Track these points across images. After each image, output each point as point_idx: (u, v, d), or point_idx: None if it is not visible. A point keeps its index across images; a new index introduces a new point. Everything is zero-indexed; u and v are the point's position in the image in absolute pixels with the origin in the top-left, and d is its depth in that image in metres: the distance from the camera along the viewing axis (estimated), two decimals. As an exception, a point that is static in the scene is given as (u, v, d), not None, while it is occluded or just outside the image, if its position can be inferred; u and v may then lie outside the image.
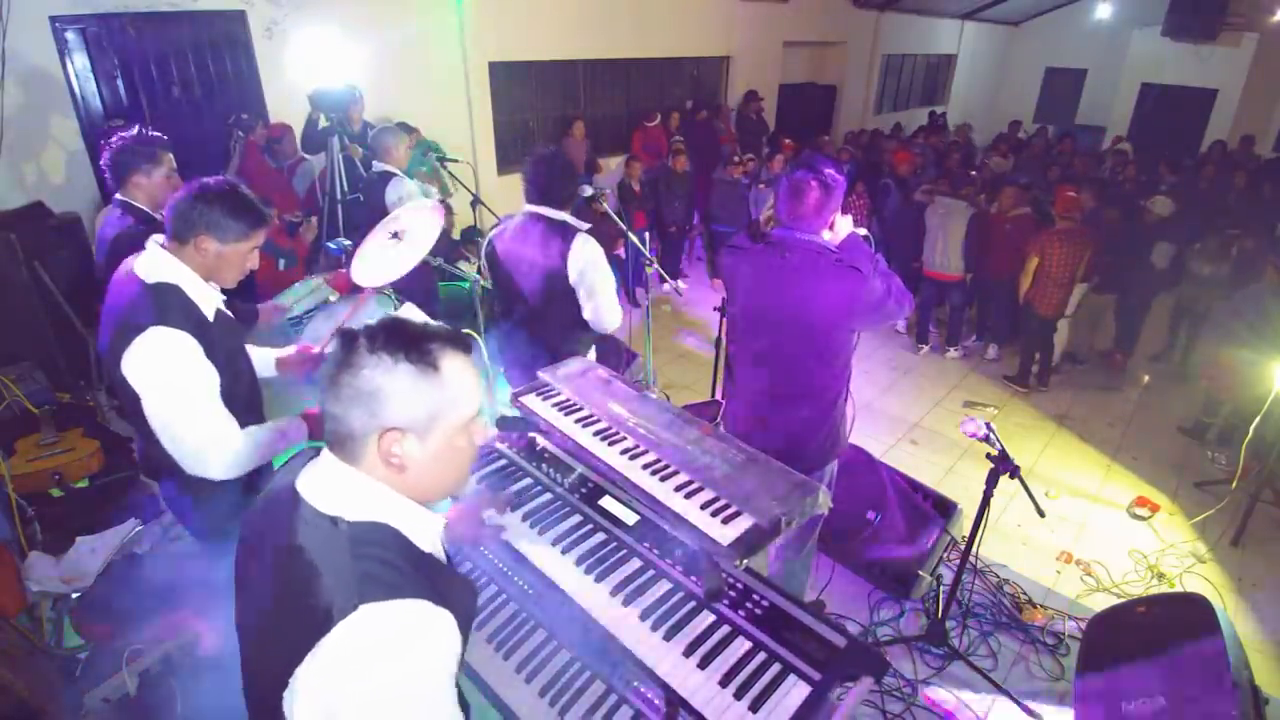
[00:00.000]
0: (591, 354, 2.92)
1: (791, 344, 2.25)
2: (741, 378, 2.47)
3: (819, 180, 2.13)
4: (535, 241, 2.65)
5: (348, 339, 0.97)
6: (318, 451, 1.04)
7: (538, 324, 2.76)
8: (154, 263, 1.77)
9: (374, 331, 0.96)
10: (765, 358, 2.35)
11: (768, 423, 2.37)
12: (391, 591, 0.91)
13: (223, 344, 1.82)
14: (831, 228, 2.23)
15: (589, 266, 2.61)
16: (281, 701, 0.90)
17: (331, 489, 0.99)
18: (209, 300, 1.82)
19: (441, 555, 1.10)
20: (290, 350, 2.19)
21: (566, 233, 2.62)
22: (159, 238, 1.81)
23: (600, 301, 2.68)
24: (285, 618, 0.93)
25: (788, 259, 2.18)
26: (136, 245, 1.85)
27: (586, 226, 2.68)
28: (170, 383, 1.70)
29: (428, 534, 1.03)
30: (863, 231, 2.30)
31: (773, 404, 2.36)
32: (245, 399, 1.91)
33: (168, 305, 1.72)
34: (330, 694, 0.87)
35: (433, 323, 1.03)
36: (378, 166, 3.94)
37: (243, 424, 1.82)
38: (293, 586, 0.92)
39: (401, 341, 0.95)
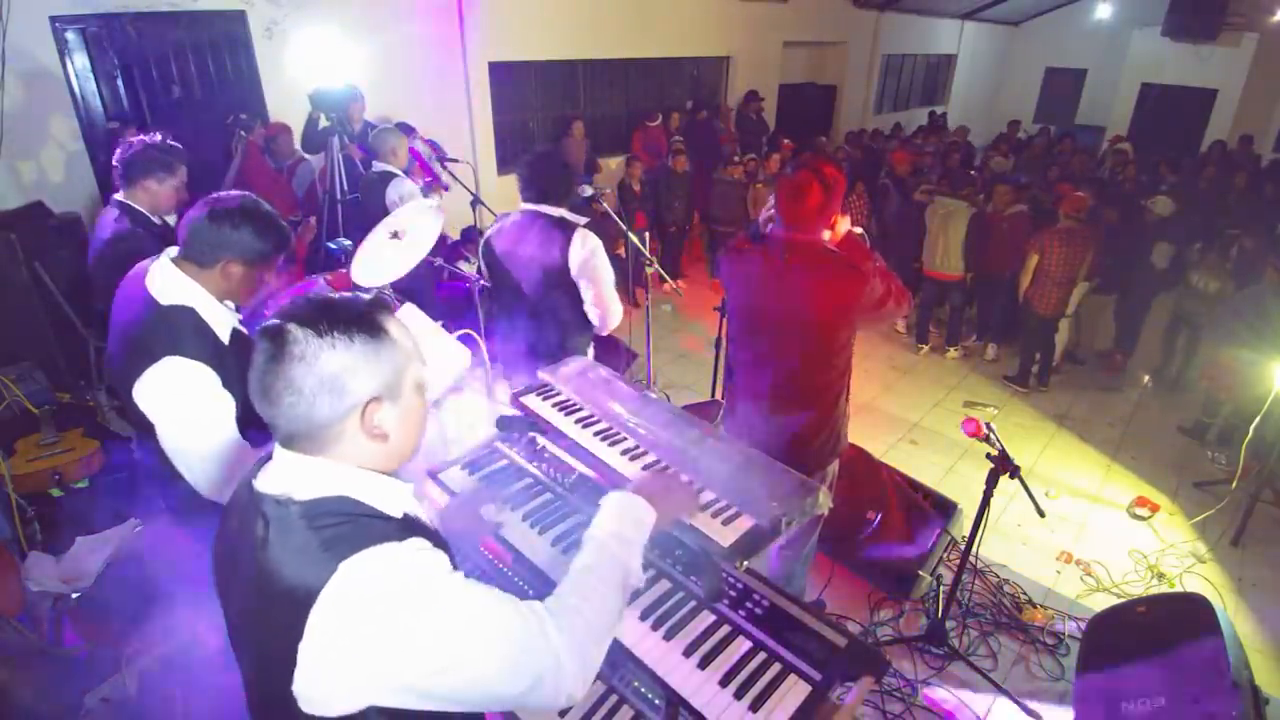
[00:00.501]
0: (590, 352, 2.92)
1: (792, 345, 2.25)
2: (742, 379, 2.47)
3: (820, 181, 2.13)
4: (534, 239, 2.66)
5: (278, 334, 0.92)
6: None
7: (537, 322, 2.76)
8: (168, 282, 1.70)
9: (310, 318, 0.92)
10: (766, 359, 2.35)
11: (769, 424, 2.36)
12: (363, 543, 0.90)
13: (238, 366, 1.76)
14: (832, 228, 2.23)
15: (590, 259, 2.61)
16: (292, 690, 0.89)
17: (282, 476, 0.98)
18: (224, 322, 1.77)
19: (419, 516, 1.09)
20: None
21: (565, 228, 2.62)
22: (172, 251, 1.74)
23: (603, 296, 2.68)
24: (270, 609, 0.92)
25: (788, 259, 2.18)
26: (136, 248, 1.83)
27: (585, 221, 2.68)
28: (184, 415, 1.66)
29: (396, 500, 1.01)
30: (859, 231, 2.30)
31: (773, 405, 2.36)
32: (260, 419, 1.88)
33: (182, 332, 1.67)
34: (348, 650, 0.87)
35: (346, 294, 1.01)
36: (378, 166, 3.95)
37: (257, 443, 1.78)
38: (267, 577, 0.91)
39: (346, 316, 0.94)
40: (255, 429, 1.77)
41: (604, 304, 2.71)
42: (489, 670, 0.92)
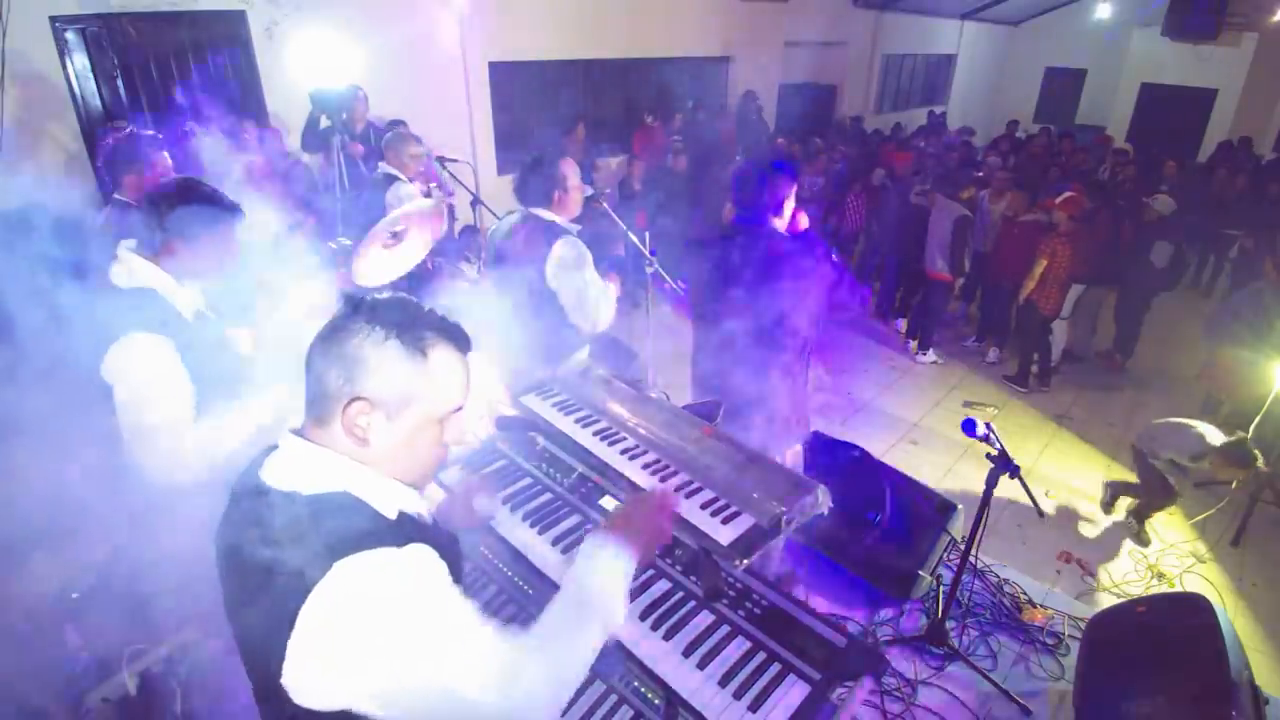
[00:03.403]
0: (585, 353, 2.91)
1: (752, 327, 2.34)
2: (706, 363, 2.55)
3: (763, 170, 2.33)
4: (522, 241, 2.68)
5: (352, 303, 0.99)
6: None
7: (530, 322, 2.76)
8: (128, 269, 1.77)
9: (377, 303, 0.99)
10: (727, 342, 2.42)
11: (734, 404, 2.44)
12: (361, 544, 0.91)
13: (204, 345, 1.82)
14: (780, 215, 2.38)
15: (564, 269, 2.61)
16: (282, 682, 0.90)
17: (289, 468, 0.99)
18: (187, 302, 1.82)
19: (420, 516, 1.09)
20: None
21: (551, 234, 2.63)
22: (130, 243, 1.80)
23: (580, 304, 2.67)
24: (265, 600, 0.93)
25: (746, 244, 2.33)
26: None
27: (575, 229, 2.68)
28: (145, 389, 1.69)
29: (394, 500, 1.02)
30: (805, 224, 2.52)
31: (735, 385, 2.43)
32: (229, 397, 1.90)
33: (143, 310, 1.72)
34: (331, 652, 0.88)
35: (439, 312, 1.03)
36: (384, 168, 3.95)
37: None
38: (265, 568, 0.93)
39: (398, 319, 0.97)
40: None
41: (582, 311, 2.70)
42: (459, 698, 0.92)
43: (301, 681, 0.90)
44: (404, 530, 0.99)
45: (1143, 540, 3.88)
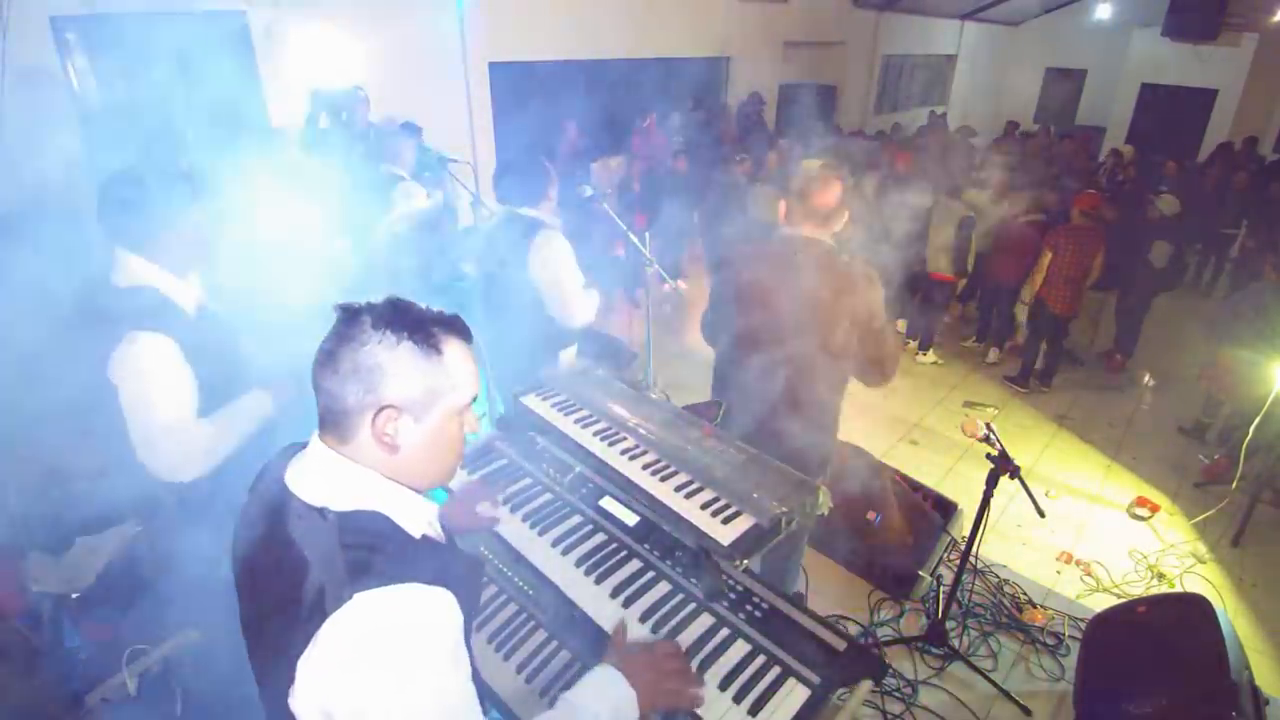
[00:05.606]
0: (572, 352, 2.90)
1: (795, 349, 2.20)
2: (738, 385, 2.37)
3: (840, 178, 2.15)
4: (504, 239, 2.70)
5: (350, 314, 0.96)
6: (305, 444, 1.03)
7: (518, 322, 2.76)
8: (125, 269, 1.76)
9: (379, 309, 0.97)
10: (767, 365, 2.27)
11: (764, 433, 2.29)
12: (384, 578, 0.90)
13: (208, 339, 1.81)
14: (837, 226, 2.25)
15: (545, 262, 2.61)
16: (289, 699, 0.90)
17: (318, 480, 0.98)
18: (189, 298, 1.82)
19: (439, 536, 1.09)
20: None
21: (530, 229, 2.63)
22: (124, 245, 1.79)
23: (563, 297, 2.67)
24: (283, 615, 0.92)
25: (798, 258, 2.19)
26: None
27: (556, 223, 2.69)
28: (147, 391, 1.69)
29: (419, 518, 1.02)
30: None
31: (772, 414, 2.28)
32: (237, 392, 1.90)
33: (143, 308, 1.71)
34: (332, 685, 0.87)
35: (434, 307, 1.03)
36: (385, 170, 3.95)
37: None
38: (287, 582, 0.92)
39: (406, 321, 0.96)
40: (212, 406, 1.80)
41: (563, 305, 2.70)
42: None
43: (299, 703, 0.89)
44: (429, 559, 0.98)
45: None
